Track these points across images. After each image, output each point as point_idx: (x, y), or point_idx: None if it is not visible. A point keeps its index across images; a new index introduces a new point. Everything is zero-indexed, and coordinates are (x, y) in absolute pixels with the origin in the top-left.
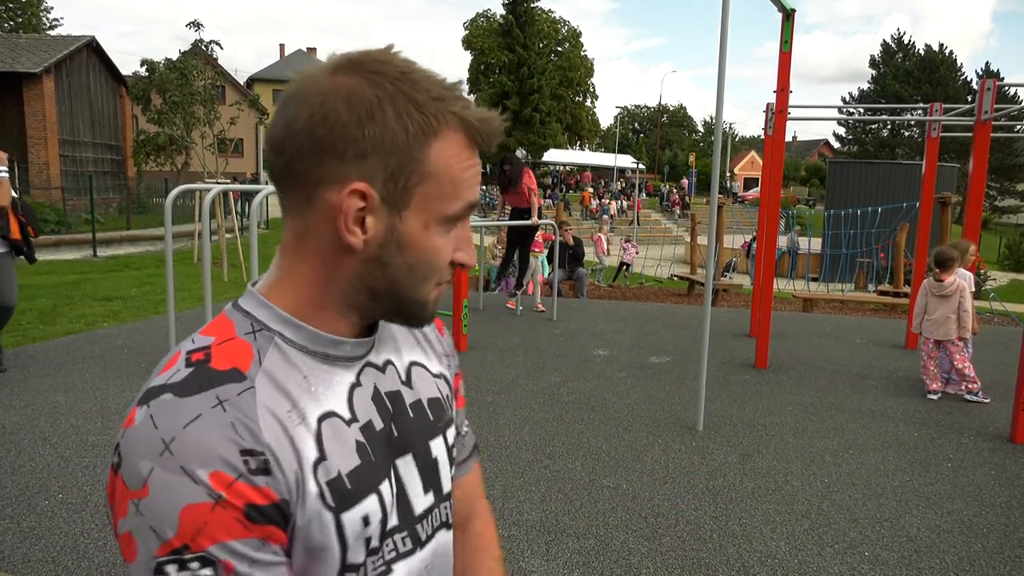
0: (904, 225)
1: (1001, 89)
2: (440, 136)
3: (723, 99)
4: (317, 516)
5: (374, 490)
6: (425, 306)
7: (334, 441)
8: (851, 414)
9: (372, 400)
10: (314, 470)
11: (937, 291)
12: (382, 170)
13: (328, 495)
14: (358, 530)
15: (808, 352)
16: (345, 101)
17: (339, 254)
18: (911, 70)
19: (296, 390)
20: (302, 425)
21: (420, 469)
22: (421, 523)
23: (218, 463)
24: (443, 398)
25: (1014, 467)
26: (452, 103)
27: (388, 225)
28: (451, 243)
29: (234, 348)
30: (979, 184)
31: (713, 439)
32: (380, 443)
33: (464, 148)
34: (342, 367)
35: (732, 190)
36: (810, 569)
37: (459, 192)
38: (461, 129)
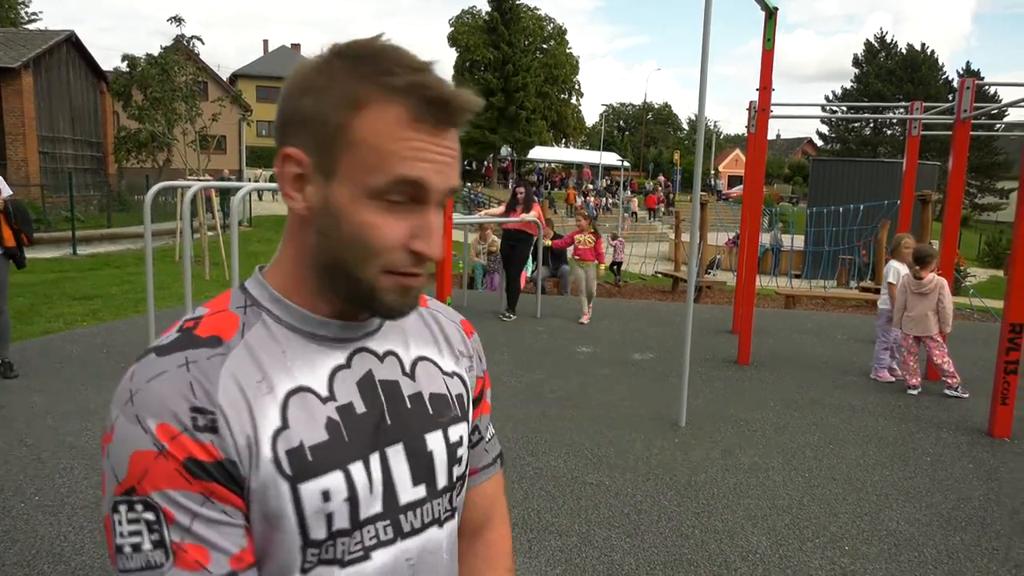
0: (885, 222)
1: (980, 88)
2: (370, 107)
3: (705, 97)
4: (272, 482)
5: (340, 468)
6: (375, 292)
7: (302, 414)
8: (832, 409)
9: (359, 384)
10: (273, 438)
11: (916, 288)
12: (313, 138)
13: (285, 463)
14: (316, 504)
15: (790, 348)
16: (299, 77)
17: (302, 227)
18: (893, 69)
19: (271, 363)
20: (269, 395)
21: (410, 460)
22: (406, 514)
23: (167, 416)
24: (451, 396)
25: (992, 461)
26: (399, 76)
27: (323, 193)
28: (397, 225)
29: (222, 319)
30: (958, 182)
31: (695, 435)
32: (360, 426)
33: (403, 122)
34: (329, 347)
35: (716, 188)
36: (791, 564)
37: (385, 165)
38: (402, 103)
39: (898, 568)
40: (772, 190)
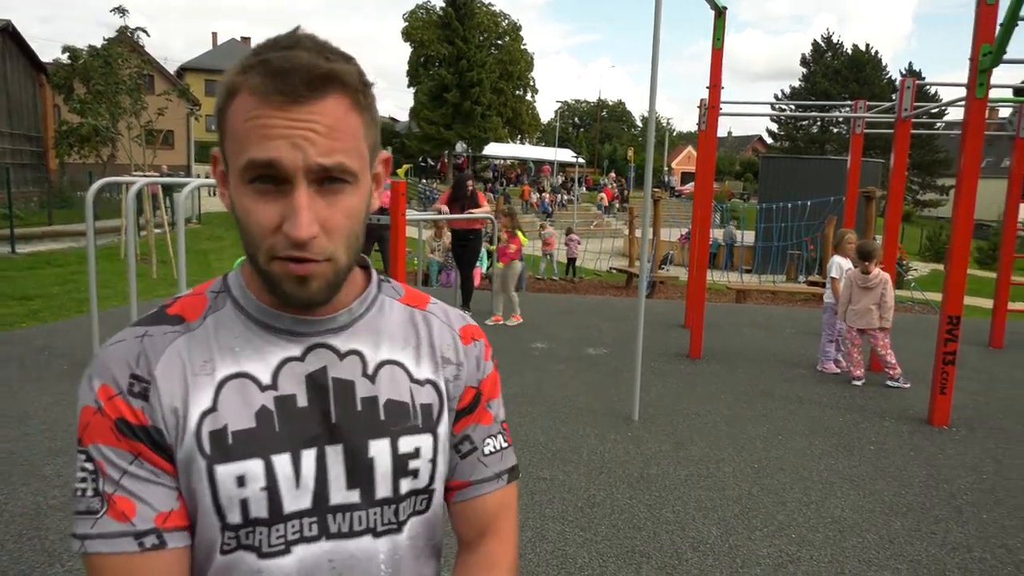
0: (832, 218)
1: (921, 88)
2: (238, 94)
3: (656, 94)
4: (192, 458)
5: (262, 457)
6: (272, 281)
7: (235, 398)
8: (780, 401)
9: (308, 378)
10: (201, 417)
11: (862, 283)
12: (219, 135)
13: (206, 443)
14: (230, 488)
15: (740, 342)
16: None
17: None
18: (839, 69)
19: (221, 347)
20: (208, 376)
21: (347, 464)
22: (335, 515)
23: (108, 378)
24: (414, 404)
25: (931, 448)
26: (249, 57)
27: (229, 188)
28: (268, 209)
29: (193, 300)
30: (899, 178)
31: (648, 429)
32: (297, 419)
33: (253, 101)
34: (284, 339)
35: (669, 184)
36: (740, 552)
37: (241, 149)
38: (252, 83)
39: (842, 553)
40: (724, 187)
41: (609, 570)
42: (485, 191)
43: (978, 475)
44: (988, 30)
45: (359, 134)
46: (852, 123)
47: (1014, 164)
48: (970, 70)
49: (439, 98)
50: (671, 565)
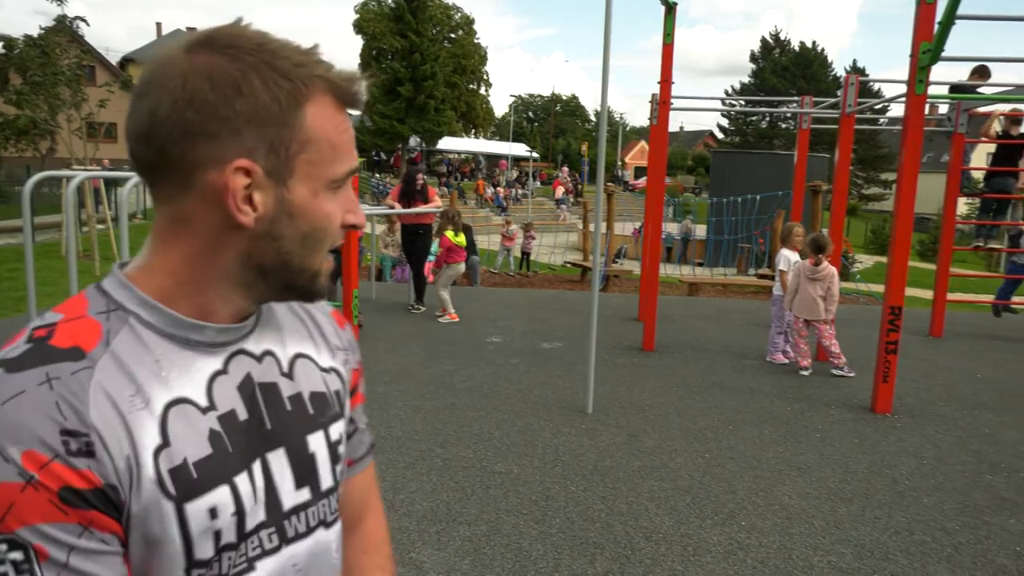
0: (780, 212)
1: (865, 84)
2: (312, 100)
3: (607, 89)
4: (156, 505)
5: (226, 481)
6: (317, 276)
7: (183, 428)
8: (731, 392)
9: (238, 389)
10: (155, 456)
11: (810, 274)
12: (261, 143)
13: (169, 483)
14: (204, 523)
15: (692, 334)
16: (208, 80)
17: (225, 234)
18: (787, 65)
19: (144, 374)
20: (145, 410)
21: (293, 464)
22: (290, 519)
23: (33, 442)
24: (329, 393)
25: (875, 435)
26: (314, 67)
27: (276, 198)
28: (341, 206)
29: (81, 327)
30: (844, 173)
31: (602, 421)
32: (242, 434)
33: (336, 111)
34: (205, 353)
35: (623, 178)
36: (691, 541)
37: (340, 155)
38: (329, 92)
39: (790, 540)
40: (676, 181)
41: (564, 562)
42: (439, 186)
43: (919, 461)
44: (927, 28)
45: None
46: (799, 119)
47: (952, 159)
48: (910, 67)
49: (392, 92)
50: (624, 556)
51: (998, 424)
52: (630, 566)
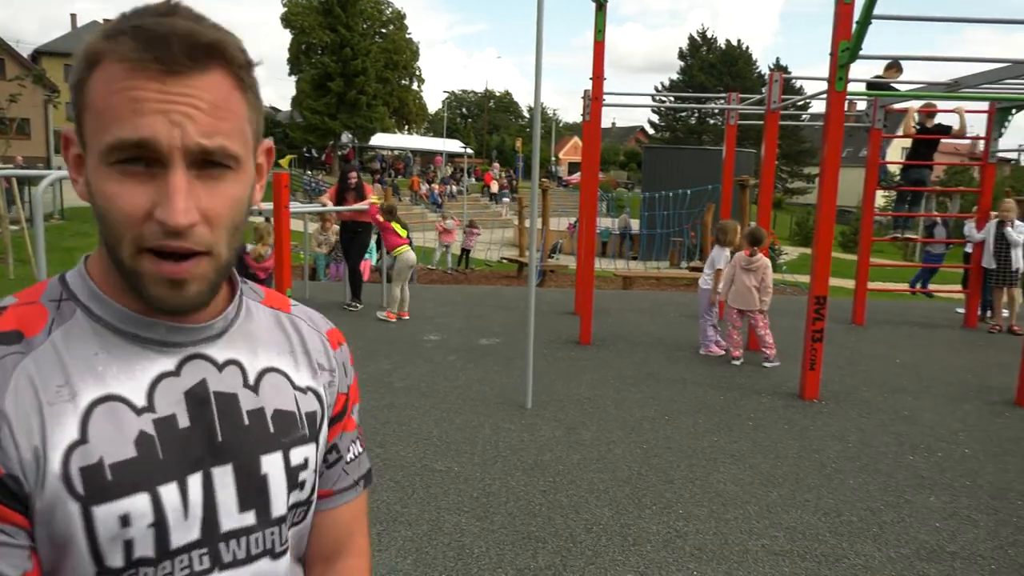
0: (710, 206)
1: (788, 81)
2: (100, 65)
3: (540, 86)
4: (60, 503)
5: (147, 490)
6: (139, 279)
7: (106, 427)
8: (666, 383)
9: (186, 395)
10: (67, 452)
11: (746, 265)
12: (74, 112)
13: (77, 482)
14: (113, 530)
15: (627, 327)
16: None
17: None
18: (714, 63)
19: (78, 367)
20: (69, 403)
21: (239, 483)
22: (227, 543)
23: None
24: (300, 414)
25: (803, 421)
26: (117, 24)
27: (86, 172)
28: (137, 193)
29: (28, 312)
30: (770, 167)
31: (541, 415)
32: (180, 443)
33: (121, 71)
34: (156, 352)
35: (557, 174)
36: (631, 531)
37: (106, 125)
38: (123, 51)
39: (725, 525)
40: (609, 176)
41: (506, 558)
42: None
43: (844, 444)
44: (846, 28)
45: (243, 115)
46: (727, 114)
47: (870, 153)
48: (830, 65)
49: (323, 87)
50: (566, 548)
51: (916, 407)
52: (572, 559)
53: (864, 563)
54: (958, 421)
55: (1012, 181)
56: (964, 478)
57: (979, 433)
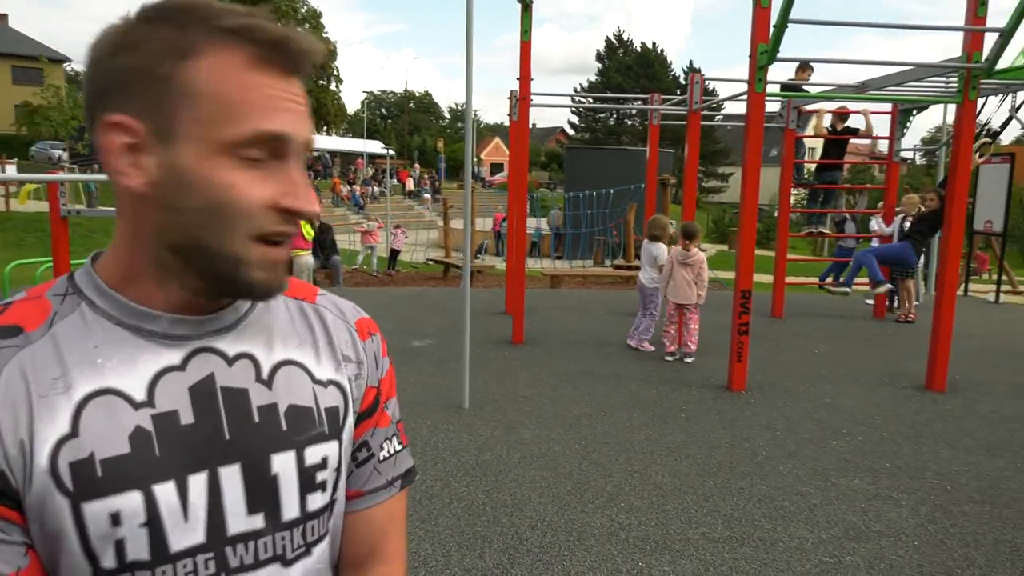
0: (632, 205)
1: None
2: (203, 54)
3: (472, 87)
4: (49, 498)
5: (140, 487)
6: (240, 264)
7: (100, 421)
8: (600, 379)
9: (191, 390)
10: (56, 446)
11: (683, 259)
12: (145, 99)
13: (66, 477)
14: (103, 528)
15: (557, 325)
16: (106, 38)
17: (137, 207)
18: (631, 65)
19: (75, 359)
20: (62, 396)
21: (247, 484)
22: (235, 547)
23: None
24: (318, 409)
25: (733, 411)
26: (226, 18)
27: (163, 161)
28: (263, 183)
29: (32, 306)
30: (693, 165)
31: (479, 415)
32: (182, 440)
33: (245, 67)
34: (160, 344)
35: (480, 175)
36: (575, 526)
37: (237, 115)
38: (238, 46)
39: (665, 516)
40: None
41: (453, 559)
42: None
43: (773, 432)
44: (764, 31)
45: None
46: (649, 115)
47: (785, 152)
48: (749, 67)
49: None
50: (512, 547)
51: (836, 394)
52: (519, 556)
53: (798, 545)
54: (874, 406)
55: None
56: (884, 460)
57: (894, 417)
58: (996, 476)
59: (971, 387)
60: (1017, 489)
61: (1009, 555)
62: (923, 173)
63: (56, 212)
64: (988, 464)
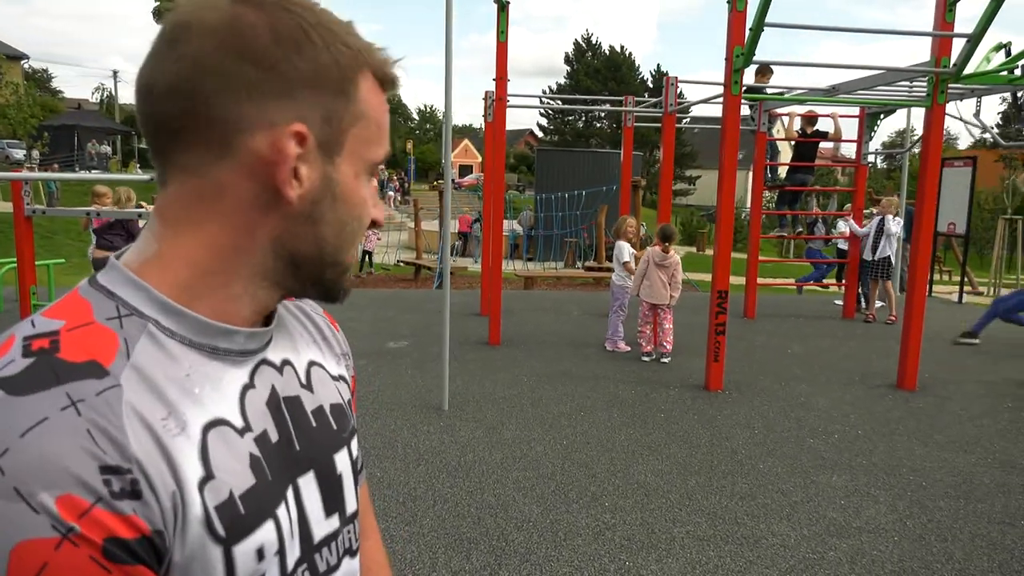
0: (603, 207)
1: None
2: (362, 76)
3: (451, 90)
4: (201, 550)
5: (271, 515)
6: (347, 272)
7: (225, 455)
8: (578, 380)
9: (267, 406)
10: (200, 492)
11: (659, 260)
12: (316, 109)
13: (217, 523)
14: (251, 567)
15: (533, 326)
16: (269, 30)
17: (260, 213)
18: (599, 68)
19: (175, 392)
20: (182, 435)
21: (322, 488)
22: (321, 552)
23: (70, 484)
24: (344, 404)
25: (710, 411)
26: (366, 45)
27: (323, 174)
28: (372, 196)
29: (92, 335)
30: (668, 167)
31: (459, 417)
32: (276, 458)
33: (380, 91)
34: (232, 364)
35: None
36: (561, 527)
37: (382, 137)
38: (373, 74)
39: (650, 515)
40: None
41: (440, 561)
42: None
43: (751, 431)
44: (739, 34)
45: None
46: (624, 117)
47: (757, 155)
48: (725, 70)
49: None
50: (499, 548)
51: (811, 393)
52: (506, 557)
53: (781, 542)
54: (848, 405)
55: (871, 183)
56: (860, 457)
57: (868, 415)
58: (969, 472)
59: (940, 386)
60: (989, 484)
61: (986, 549)
62: (884, 177)
63: (20, 212)
64: (960, 460)
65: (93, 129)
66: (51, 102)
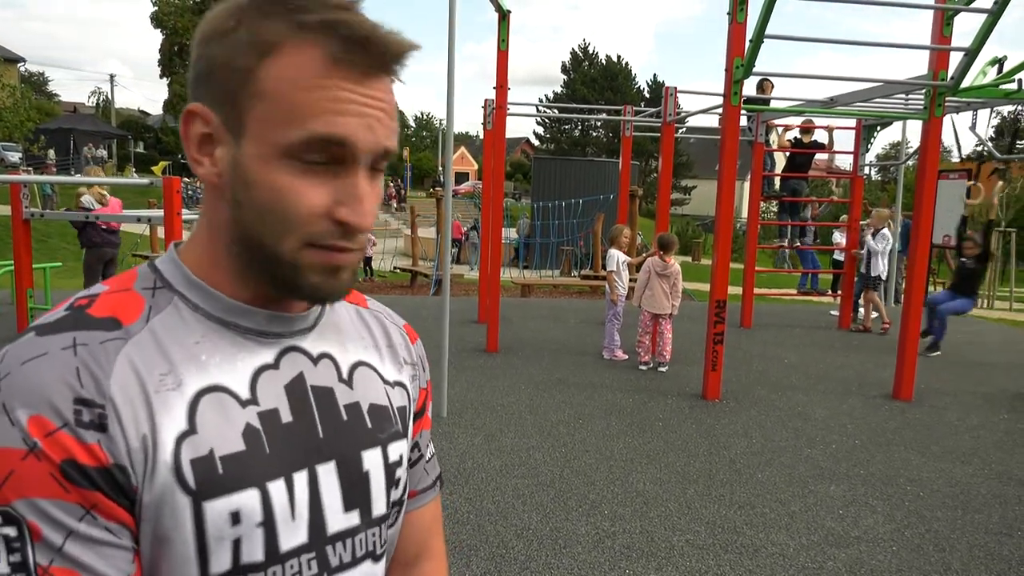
0: (600, 215)
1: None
2: (283, 51)
3: (453, 99)
4: (170, 496)
5: (257, 485)
6: (297, 270)
7: (215, 417)
8: (576, 388)
9: (287, 389)
10: (177, 442)
11: (660, 270)
12: (220, 90)
13: (188, 474)
14: (223, 527)
15: (531, 334)
16: (207, 23)
17: (214, 197)
18: (596, 77)
19: (181, 355)
20: (175, 391)
21: (343, 481)
22: (334, 546)
23: (43, 406)
24: (392, 408)
25: (709, 420)
26: (313, 13)
27: (232, 156)
28: (317, 190)
29: (123, 299)
30: (667, 176)
31: (458, 424)
32: (285, 438)
33: (320, 67)
34: (255, 342)
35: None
36: (560, 535)
37: (297, 119)
38: (317, 44)
39: (649, 523)
40: None
41: None
42: None
43: (749, 440)
44: (739, 46)
45: None
46: (622, 126)
47: (755, 166)
48: (725, 81)
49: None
50: (499, 555)
51: (808, 403)
52: (506, 564)
53: (780, 551)
54: (845, 415)
55: (866, 194)
56: (858, 467)
57: (865, 425)
58: (966, 483)
59: (936, 397)
60: (986, 495)
61: (983, 559)
62: (879, 188)
63: (18, 215)
64: (958, 471)
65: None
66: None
